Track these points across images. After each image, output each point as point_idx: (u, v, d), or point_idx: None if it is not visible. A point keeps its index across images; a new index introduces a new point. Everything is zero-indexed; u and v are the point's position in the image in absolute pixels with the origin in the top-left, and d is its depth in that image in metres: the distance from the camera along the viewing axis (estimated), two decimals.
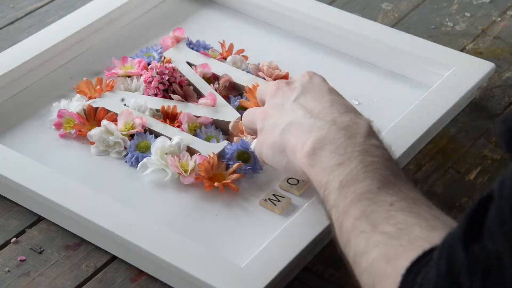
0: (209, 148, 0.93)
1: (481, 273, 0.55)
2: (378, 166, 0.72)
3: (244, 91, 1.01)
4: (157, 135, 0.95)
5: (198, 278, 0.79)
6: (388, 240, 0.65)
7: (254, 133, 0.90)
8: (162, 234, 0.83)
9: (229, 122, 0.96)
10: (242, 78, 1.02)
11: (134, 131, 0.95)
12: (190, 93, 1.01)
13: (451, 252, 0.57)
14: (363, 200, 0.69)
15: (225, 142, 0.94)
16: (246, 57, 1.07)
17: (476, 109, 1.04)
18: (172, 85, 1.00)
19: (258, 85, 0.99)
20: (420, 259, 0.62)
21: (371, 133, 0.77)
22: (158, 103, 0.99)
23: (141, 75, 1.03)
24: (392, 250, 0.65)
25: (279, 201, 0.89)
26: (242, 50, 1.08)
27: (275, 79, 1.02)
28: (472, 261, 0.55)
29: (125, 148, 0.95)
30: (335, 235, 0.72)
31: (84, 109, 0.98)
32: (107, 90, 1.01)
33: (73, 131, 0.96)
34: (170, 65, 1.01)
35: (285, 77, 1.03)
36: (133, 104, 0.98)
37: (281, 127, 0.81)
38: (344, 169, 0.72)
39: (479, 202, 0.57)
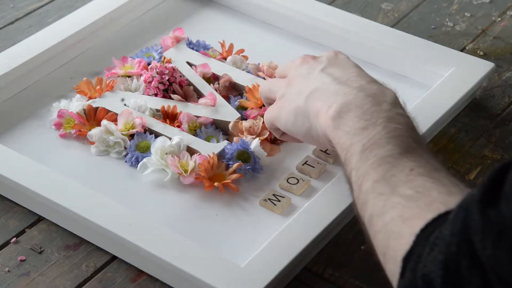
0: (209, 148, 0.93)
1: (494, 235, 0.55)
2: (402, 133, 0.73)
3: (244, 91, 1.01)
4: (157, 135, 0.95)
5: (198, 278, 0.79)
6: (405, 202, 0.66)
7: (268, 103, 0.91)
8: (162, 234, 0.83)
9: (229, 122, 0.96)
10: (242, 78, 1.02)
11: (134, 131, 0.95)
12: (190, 93, 1.01)
13: (467, 213, 0.58)
14: (384, 163, 0.70)
15: (225, 142, 0.94)
16: (246, 57, 1.07)
17: (476, 109, 1.04)
18: (172, 85, 1.00)
19: (258, 85, 1.00)
20: (435, 220, 0.63)
21: (397, 102, 0.78)
22: (158, 103, 0.99)
23: (141, 75, 1.03)
24: (409, 211, 0.66)
25: (279, 201, 0.89)
26: (242, 50, 1.08)
27: None
28: (486, 223, 0.56)
29: (125, 148, 0.95)
30: (353, 197, 0.73)
31: (84, 109, 0.98)
32: (107, 90, 1.01)
33: (73, 131, 0.96)
34: (170, 65, 1.01)
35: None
36: (133, 104, 0.98)
37: (307, 93, 0.82)
38: (368, 133, 0.74)
39: (497, 170, 0.57)
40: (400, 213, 0.66)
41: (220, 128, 0.97)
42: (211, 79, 1.04)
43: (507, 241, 0.55)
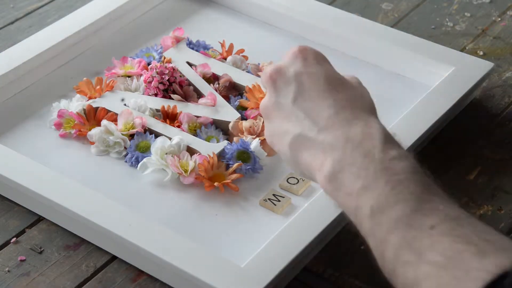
0: (209, 148, 0.93)
1: None
2: (406, 183, 0.67)
3: (244, 91, 1.01)
4: (157, 135, 0.95)
5: (198, 278, 0.79)
6: (438, 272, 0.61)
7: None
8: (162, 234, 0.83)
9: (229, 122, 0.96)
10: (242, 78, 1.02)
11: (134, 131, 0.95)
12: (190, 93, 1.01)
13: None
14: (400, 226, 0.65)
15: (225, 142, 0.94)
16: (246, 57, 1.07)
17: (476, 109, 1.04)
18: (172, 85, 1.00)
19: (258, 85, 1.00)
20: None
21: (387, 141, 0.71)
22: (158, 103, 0.99)
23: (141, 75, 1.03)
24: (445, 283, 0.61)
25: (279, 201, 0.89)
26: (242, 50, 1.08)
27: None
28: None
29: (125, 148, 0.95)
30: (378, 263, 0.68)
31: (84, 109, 0.98)
32: (107, 90, 1.01)
33: (73, 131, 0.96)
34: (170, 65, 1.01)
35: None
36: (133, 104, 0.98)
37: (289, 139, 0.76)
38: (371, 194, 0.68)
39: None
40: (436, 284, 0.61)
41: (220, 128, 0.97)
42: (211, 79, 1.04)
43: None
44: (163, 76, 1.00)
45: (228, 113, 0.98)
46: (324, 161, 0.72)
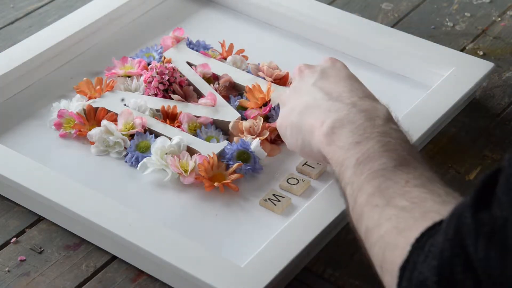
0: (209, 148, 0.93)
1: (486, 236, 0.56)
2: (395, 146, 0.73)
3: (244, 91, 1.01)
4: (157, 135, 0.95)
5: (198, 278, 0.79)
6: (400, 213, 0.66)
7: None
8: (162, 234, 0.83)
9: (229, 122, 0.96)
10: (242, 78, 1.02)
11: (134, 131, 0.95)
12: (190, 93, 1.01)
13: (459, 219, 0.58)
14: (378, 176, 0.71)
15: (225, 142, 0.94)
16: (246, 57, 1.07)
17: (476, 109, 1.04)
18: (172, 85, 1.00)
19: (258, 85, 1.00)
20: (430, 229, 0.63)
21: (390, 118, 0.78)
22: (158, 103, 0.99)
23: (141, 75, 1.03)
24: (404, 222, 0.66)
25: (279, 201, 0.89)
26: (242, 50, 1.08)
27: (275, 79, 1.02)
28: (478, 225, 0.56)
29: (125, 148, 0.95)
30: (348, 211, 0.73)
31: (84, 109, 0.98)
32: (107, 90, 1.01)
33: (73, 131, 0.96)
34: (170, 65, 1.01)
35: (285, 77, 1.03)
36: (133, 104, 0.98)
37: (299, 109, 0.83)
38: (361, 148, 0.74)
39: (488, 175, 0.58)
40: (395, 224, 0.66)
41: (220, 128, 0.97)
42: (211, 79, 1.04)
43: (498, 241, 0.55)
44: (163, 76, 1.00)
45: (228, 113, 0.98)
46: (326, 119, 0.79)
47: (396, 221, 0.66)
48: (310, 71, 0.87)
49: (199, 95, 1.01)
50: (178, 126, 0.96)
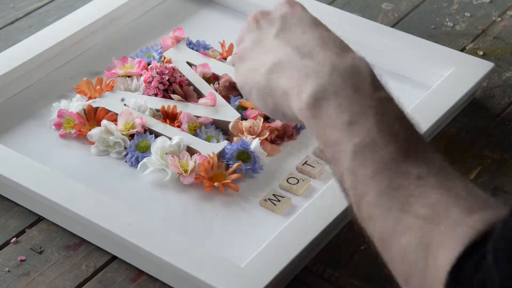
0: (209, 148, 0.93)
1: None
2: (395, 127, 0.63)
3: None
4: (157, 135, 0.95)
5: (198, 278, 0.79)
6: (421, 224, 0.58)
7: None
8: (162, 234, 0.83)
9: (229, 122, 0.96)
10: None
11: (134, 131, 0.95)
12: (190, 93, 1.01)
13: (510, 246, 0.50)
14: (386, 170, 0.61)
15: (225, 142, 0.94)
16: None
17: (476, 109, 1.04)
18: (172, 85, 1.00)
19: None
20: (469, 252, 0.55)
21: (377, 80, 0.67)
22: (158, 103, 0.99)
23: (141, 75, 1.03)
24: (429, 236, 0.57)
25: (279, 201, 0.89)
26: None
27: None
28: None
29: (125, 148, 0.95)
30: (350, 204, 0.64)
31: (84, 109, 0.98)
32: (107, 90, 1.01)
33: (73, 131, 0.96)
34: (170, 65, 1.01)
35: None
36: (133, 104, 0.98)
37: (265, 68, 0.71)
38: (358, 130, 0.63)
39: None
40: (419, 238, 0.58)
41: (220, 128, 0.97)
42: (211, 79, 1.04)
43: None
44: (163, 76, 1.00)
45: (228, 113, 0.98)
46: (305, 84, 0.66)
47: (418, 234, 0.58)
48: (268, 20, 0.74)
49: (199, 95, 1.01)
50: (178, 126, 0.96)
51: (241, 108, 0.99)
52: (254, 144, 0.93)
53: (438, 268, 0.56)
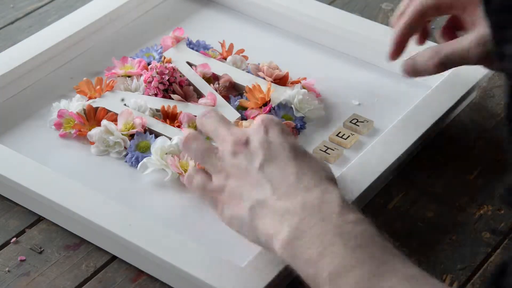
0: None
1: None
2: (364, 248, 0.69)
3: (244, 91, 1.01)
4: (157, 135, 0.95)
5: (198, 278, 0.79)
6: None
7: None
8: (162, 234, 0.83)
9: None
10: (242, 78, 1.02)
11: (134, 131, 0.95)
12: (190, 93, 1.01)
13: None
14: None
15: None
16: (246, 57, 1.07)
17: (476, 109, 1.04)
18: (172, 85, 1.00)
19: (258, 85, 1.00)
20: None
21: (345, 207, 0.73)
22: (158, 103, 0.99)
23: (141, 75, 1.03)
24: None
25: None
26: (242, 50, 1.08)
27: (275, 79, 1.02)
28: None
29: (125, 148, 0.95)
30: None
31: (84, 109, 0.98)
32: (107, 90, 1.01)
33: (73, 131, 0.96)
34: (170, 65, 1.01)
35: (285, 77, 1.03)
36: (133, 104, 0.98)
37: (250, 204, 0.76)
38: (329, 259, 0.69)
39: (494, 276, 0.55)
40: None
41: None
42: (211, 79, 1.04)
43: None
44: (163, 76, 1.00)
45: (228, 113, 0.98)
46: (281, 228, 0.73)
47: None
48: (249, 151, 0.78)
49: (199, 95, 1.01)
50: (178, 126, 0.96)
51: (241, 108, 0.99)
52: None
53: None
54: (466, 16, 0.90)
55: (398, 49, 0.93)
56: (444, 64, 0.89)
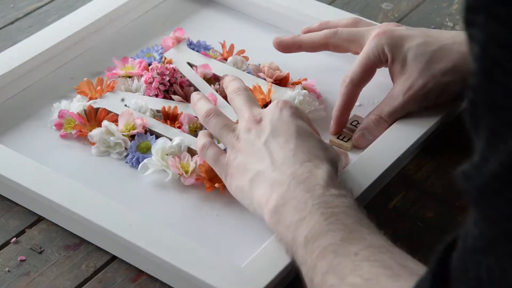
0: None
1: None
2: (339, 216, 0.73)
3: None
4: (157, 136, 0.95)
5: (198, 278, 0.79)
6: None
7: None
8: (162, 234, 0.83)
9: None
10: (242, 79, 1.02)
11: (134, 131, 0.95)
12: (191, 94, 1.01)
13: None
14: (329, 253, 0.70)
15: None
16: (246, 58, 1.07)
17: None
18: (173, 86, 1.00)
19: (259, 86, 1.00)
20: None
21: (330, 182, 0.78)
22: (159, 103, 0.99)
23: (141, 75, 1.03)
24: None
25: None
26: (242, 51, 1.08)
27: (275, 80, 1.02)
28: None
29: (126, 148, 0.95)
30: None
31: (84, 110, 0.98)
32: (108, 91, 1.01)
33: (73, 132, 0.96)
34: (171, 65, 1.01)
35: (286, 78, 1.03)
36: (134, 105, 0.98)
37: (250, 175, 0.82)
38: (307, 225, 0.74)
39: (443, 250, 0.57)
40: None
41: None
42: (212, 79, 1.04)
43: None
44: (164, 77, 1.00)
45: (228, 114, 0.97)
46: (270, 196, 0.79)
47: None
48: (260, 126, 0.85)
49: None
50: (179, 127, 0.96)
51: None
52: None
53: None
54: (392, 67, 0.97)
55: (339, 125, 0.98)
56: (393, 121, 0.96)
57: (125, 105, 0.99)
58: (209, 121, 0.88)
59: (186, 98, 1.00)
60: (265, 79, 1.02)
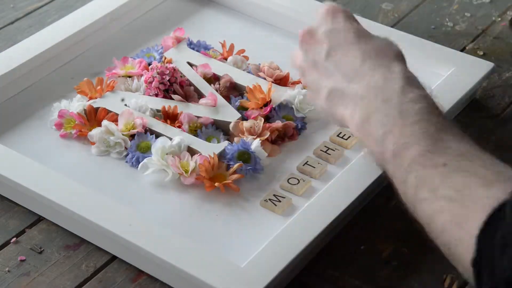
0: (209, 149, 0.93)
1: None
2: (421, 124, 0.72)
3: (244, 91, 1.01)
4: (157, 135, 0.95)
5: (198, 278, 0.79)
6: (449, 205, 0.66)
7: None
8: (162, 234, 0.83)
9: (230, 122, 0.96)
10: (242, 79, 1.02)
11: (134, 131, 0.95)
12: (190, 93, 1.01)
13: None
14: (416, 165, 0.70)
15: (226, 143, 0.94)
16: (246, 57, 1.07)
17: (476, 109, 1.04)
18: (173, 85, 1.00)
19: (259, 86, 1.00)
20: (492, 218, 0.62)
21: (407, 84, 0.77)
22: (159, 103, 0.99)
23: (141, 75, 1.03)
24: (457, 213, 0.65)
25: (279, 201, 0.89)
26: (242, 51, 1.08)
27: (275, 80, 1.02)
28: None
29: (126, 148, 0.95)
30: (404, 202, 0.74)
31: (84, 109, 0.98)
32: (108, 90, 1.01)
33: (73, 131, 0.96)
34: (171, 65, 1.01)
35: (286, 77, 1.03)
36: (134, 105, 0.98)
37: (325, 93, 0.82)
38: (391, 138, 0.73)
39: None
40: (449, 218, 0.66)
41: (220, 129, 0.97)
42: (212, 79, 1.04)
43: None
44: (164, 77, 1.00)
45: (228, 113, 0.98)
46: (354, 112, 0.78)
47: (449, 214, 0.66)
48: (315, 42, 0.84)
49: (200, 95, 1.01)
50: (179, 127, 0.96)
51: (242, 109, 0.99)
52: (255, 144, 0.93)
53: (471, 236, 0.63)
54: None
55: None
56: None
57: (125, 105, 0.99)
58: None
59: (186, 98, 1.00)
60: (265, 79, 1.02)
